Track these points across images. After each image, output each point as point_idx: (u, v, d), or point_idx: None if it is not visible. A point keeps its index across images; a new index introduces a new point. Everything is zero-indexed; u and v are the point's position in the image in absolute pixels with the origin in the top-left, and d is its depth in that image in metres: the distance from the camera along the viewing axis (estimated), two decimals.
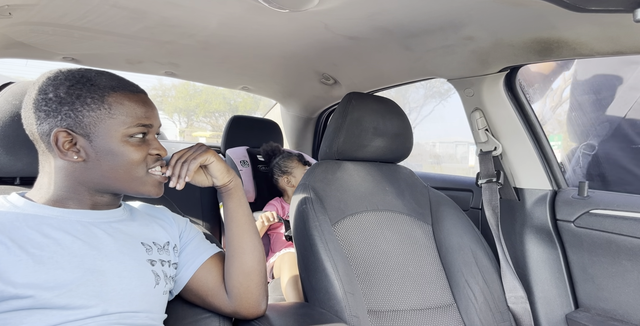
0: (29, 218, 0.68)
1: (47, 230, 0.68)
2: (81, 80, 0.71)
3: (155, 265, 0.77)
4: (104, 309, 0.67)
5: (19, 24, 1.15)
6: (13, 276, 0.61)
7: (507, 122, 1.27)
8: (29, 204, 0.71)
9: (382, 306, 1.09)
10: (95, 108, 0.70)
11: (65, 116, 0.69)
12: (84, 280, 0.66)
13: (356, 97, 1.29)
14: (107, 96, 0.71)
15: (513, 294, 1.18)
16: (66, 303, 0.64)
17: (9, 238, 0.63)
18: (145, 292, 0.73)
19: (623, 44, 0.91)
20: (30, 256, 0.63)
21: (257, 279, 0.84)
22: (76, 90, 0.70)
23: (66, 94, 0.69)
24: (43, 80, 0.71)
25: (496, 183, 1.29)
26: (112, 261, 0.71)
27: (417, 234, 1.26)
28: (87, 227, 0.72)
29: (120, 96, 0.72)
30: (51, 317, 0.63)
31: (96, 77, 0.72)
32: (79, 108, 0.69)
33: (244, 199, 0.87)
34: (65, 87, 0.69)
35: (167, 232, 0.84)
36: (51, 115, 0.69)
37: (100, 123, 0.70)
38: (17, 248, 0.63)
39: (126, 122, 0.71)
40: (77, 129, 0.69)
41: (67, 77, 0.71)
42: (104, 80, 0.72)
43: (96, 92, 0.70)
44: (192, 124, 20.02)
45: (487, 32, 1.02)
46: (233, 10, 1.03)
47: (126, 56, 1.53)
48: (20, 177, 0.89)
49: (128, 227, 0.78)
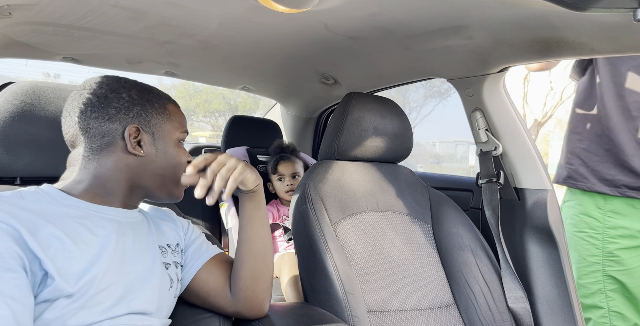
0: (72, 212, 0.68)
1: (91, 226, 0.67)
2: (146, 88, 0.80)
3: (170, 268, 0.78)
4: (129, 308, 0.68)
5: (19, 24, 1.15)
6: (68, 275, 0.60)
7: (507, 122, 1.27)
8: (66, 197, 0.70)
9: (382, 306, 1.09)
10: (161, 112, 0.79)
11: (137, 115, 0.75)
12: (116, 280, 0.66)
13: (356, 97, 1.29)
14: (167, 104, 0.81)
15: (513, 294, 1.18)
16: (99, 302, 0.64)
17: (64, 233, 0.62)
18: (161, 295, 0.74)
19: (623, 43, 0.91)
20: (81, 253, 0.63)
21: (264, 283, 0.84)
22: (145, 94, 0.78)
23: (138, 96, 0.77)
24: (111, 81, 0.77)
25: (496, 183, 1.29)
26: (137, 263, 0.71)
27: (417, 234, 1.26)
28: (122, 226, 0.72)
29: (173, 106, 0.83)
30: (88, 317, 0.62)
31: (154, 88, 0.82)
32: (149, 110, 0.77)
33: (262, 203, 0.86)
34: (136, 90, 0.77)
35: (176, 234, 0.85)
36: (122, 112, 0.74)
37: (163, 125, 0.78)
38: (72, 243, 0.62)
39: (179, 128, 0.81)
40: (145, 128, 0.76)
41: (135, 84, 0.79)
42: (160, 92, 0.82)
43: (160, 99, 0.80)
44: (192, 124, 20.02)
45: (487, 32, 1.02)
46: (233, 10, 1.03)
47: (126, 56, 1.53)
48: (21, 177, 0.89)
49: (146, 229, 0.79)
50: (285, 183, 1.79)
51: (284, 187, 1.79)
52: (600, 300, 1.33)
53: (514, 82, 9.77)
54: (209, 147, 2.83)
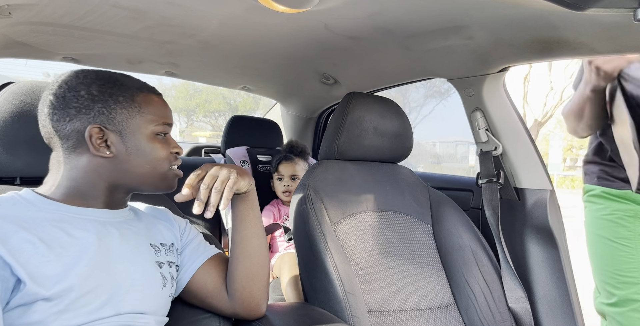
0: (49, 215, 0.67)
1: (69, 229, 0.67)
2: (110, 79, 0.73)
3: (163, 267, 0.77)
4: (117, 310, 0.67)
5: (19, 24, 1.15)
6: (43, 279, 0.60)
7: (507, 122, 1.27)
8: (44, 201, 0.70)
9: (382, 306, 1.09)
10: (127, 106, 0.72)
11: (98, 113, 0.70)
12: (101, 281, 0.66)
13: (356, 97, 1.29)
14: (136, 95, 0.74)
15: (513, 294, 1.18)
16: (84, 304, 0.64)
17: (37, 237, 0.62)
18: (153, 294, 0.74)
19: (623, 43, 0.91)
20: (57, 256, 0.62)
21: (260, 283, 0.84)
22: (108, 88, 0.72)
23: (98, 92, 0.71)
24: (71, 78, 0.72)
25: (496, 183, 1.29)
26: (125, 262, 0.71)
27: (417, 234, 1.26)
28: (105, 226, 0.72)
29: (147, 96, 0.76)
30: (73, 319, 0.62)
31: (122, 78, 0.75)
32: (112, 106, 0.71)
33: (255, 203, 0.86)
34: (97, 85, 0.71)
35: (171, 233, 0.84)
36: (82, 111, 0.70)
37: (131, 120, 0.73)
38: (45, 248, 0.62)
39: (154, 120, 0.75)
40: (109, 126, 0.71)
41: (97, 77, 0.73)
42: (130, 82, 0.75)
43: (126, 91, 0.73)
44: (192, 124, 20.03)
45: (487, 32, 1.02)
46: (233, 10, 1.03)
47: (126, 56, 1.53)
48: (21, 177, 0.89)
49: (136, 227, 0.78)
50: (282, 184, 1.79)
51: (281, 187, 1.79)
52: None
53: (514, 82, 9.77)
54: (209, 147, 2.83)
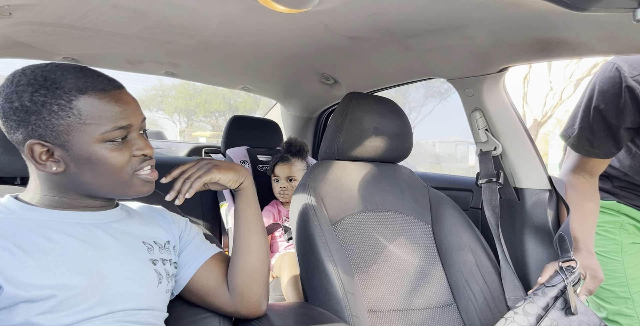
0: (29, 222, 0.67)
1: (49, 234, 0.67)
2: (44, 84, 0.63)
3: (157, 264, 0.77)
4: (109, 308, 0.68)
5: (19, 24, 1.15)
6: (21, 284, 0.61)
7: (507, 122, 1.27)
8: (25, 208, 0.69)
9: (382, 306, 1.09)
10: (64, 116, 0.63)
11: (35, 126, 0.63)
12: (90, 283, 0.66)
13: (356, 97, 1.29)
14: (75, 100, 0.64)
15: (513, 294, 1.18)
16: (73, 305, 0.64)
17: (14, 244, 0.62)
18: (148, 291, 0.74)
19: (623, 43, 0.91)
20: (36, 261, 0.63)
21: (260, 279, 0.84)
22: (40, 96, 0.63)
23: (31, 102, 0.62)
24: (6, 85, 0.65)
25: (496, 183, 1.29)
26: (116, 262, 0.71)
27: (417, 234, 1.26)
28: (89, 229, 0.71)
29: (90, 99, 0.65)
30: (60, 319, 0.63)
31: (61, 77, 0.64)
32: (47, 117, 0.63)
33: (253, 198, 0.88)
34: (29, 94, 0.62)
35: (167, 232, 0.84)
36: (22, 124, 0.63)
37: (72, 131, 0.64)
38: (23, 253, 0.62)
39: (101, 127, 0.65)
40: (50, 139, 0.64)
41: (30, 82, 0.63)
42: (70, 81, 0.64)
43: (62, 97, 0.63)
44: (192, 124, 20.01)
45: (487, 32, 1.02)
46: (233, 10, 1.03)
47: (126, 56, 1.53)
48: (21, 177, 0.89)
49: (128, 226, 0.78)
50: (279, 185, 1.78)
51: (278, 189, 1.79)
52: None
53: (514, 82, 9.77)
54: (209, 146, 2.84)
